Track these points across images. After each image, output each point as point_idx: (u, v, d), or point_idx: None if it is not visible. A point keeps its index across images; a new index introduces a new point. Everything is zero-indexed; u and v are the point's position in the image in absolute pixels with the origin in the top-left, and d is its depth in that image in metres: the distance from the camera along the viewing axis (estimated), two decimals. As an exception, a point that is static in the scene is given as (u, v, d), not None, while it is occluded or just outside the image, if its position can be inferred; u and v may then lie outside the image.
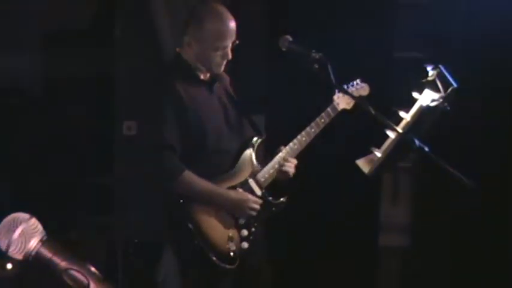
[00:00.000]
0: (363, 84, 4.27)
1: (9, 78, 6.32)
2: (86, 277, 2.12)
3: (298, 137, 4.17)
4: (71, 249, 2.23)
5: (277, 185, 4.22)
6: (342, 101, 4.21)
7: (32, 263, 2.16)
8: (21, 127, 6.41)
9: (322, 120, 4.18)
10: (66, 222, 5.66)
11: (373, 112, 3.50)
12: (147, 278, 5.34)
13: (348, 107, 4.21)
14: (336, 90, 4.16)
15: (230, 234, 4.07)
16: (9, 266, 4.89)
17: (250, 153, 4.18)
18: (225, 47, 4.03)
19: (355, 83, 4.27)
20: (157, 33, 5.56)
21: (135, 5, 5.78)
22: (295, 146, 4.17)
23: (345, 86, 4.20)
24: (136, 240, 5.61)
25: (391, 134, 3.51)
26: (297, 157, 4.21)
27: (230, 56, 4.07)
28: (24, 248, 2.19)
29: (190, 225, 3.98)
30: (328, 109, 4.20)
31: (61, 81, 6.44)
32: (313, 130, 4.17)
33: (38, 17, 6.29)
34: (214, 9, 4.05)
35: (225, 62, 4.10)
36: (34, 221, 2.22)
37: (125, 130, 5.79)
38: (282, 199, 4.21)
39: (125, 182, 5.73)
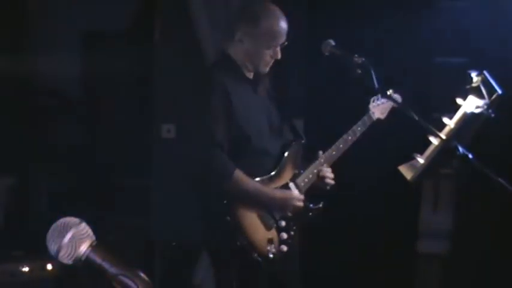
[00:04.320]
0: (395, 95, 4.26)
1: (48, 79, 6.37)
2: (136, 283, 2.13)
3: (336, 143, 4.19)
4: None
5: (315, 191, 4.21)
6: (376, 111, 4.31)
7: (81, 267, 2.17)
8: (59, 128, 6.46)
9: (359, 129, 4.25)
10: (104, 223, 5.68)
11: (416, 118, 3.48)
12: (184, 281, 5.37)
13: (382, 117, 4.32)
14: (371, 99, 4.27)
15: (270, 237, 4.03)
16: (49, 266, 4.93)
17: (291, 156, 4.16)
18: (276, 46, 4.04)
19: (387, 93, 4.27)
20: (196, 35, 5.57)
21: (175, 6, 5.80)
22: (333, 153, 4.20)
23: (376, 97, 4.29)
24: (174, 243, 5.62)
25: (434, 141, 3.49)
26: (335, 163, 4.21)
27: (279, 56, 4.08)
28: (74, 253, 2.20)
29: (232, 226, 3.94)
30: (364, 117, 4.28)
31: (100, 83, 6.48)
32: (350, 138, 4.22)
33: (77, 18, 6.33)
34: (270, 8, 4.08)
35: (272, 62, 4.10)
36: (84, 225, 2.22)
37: (163, 133, 5.80)
38: (319, 205, 4.19)
39: (163, 183, 5.74)
